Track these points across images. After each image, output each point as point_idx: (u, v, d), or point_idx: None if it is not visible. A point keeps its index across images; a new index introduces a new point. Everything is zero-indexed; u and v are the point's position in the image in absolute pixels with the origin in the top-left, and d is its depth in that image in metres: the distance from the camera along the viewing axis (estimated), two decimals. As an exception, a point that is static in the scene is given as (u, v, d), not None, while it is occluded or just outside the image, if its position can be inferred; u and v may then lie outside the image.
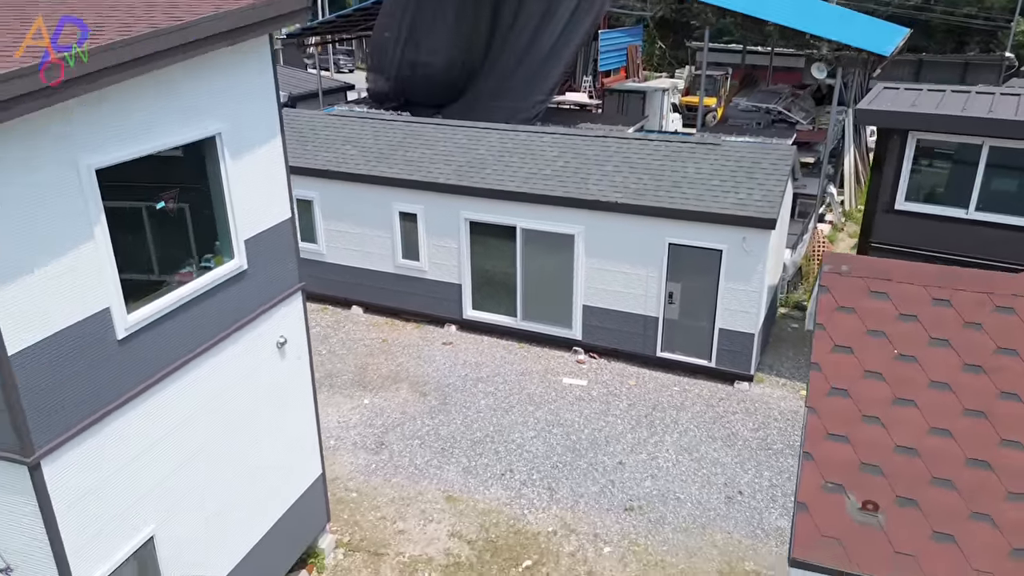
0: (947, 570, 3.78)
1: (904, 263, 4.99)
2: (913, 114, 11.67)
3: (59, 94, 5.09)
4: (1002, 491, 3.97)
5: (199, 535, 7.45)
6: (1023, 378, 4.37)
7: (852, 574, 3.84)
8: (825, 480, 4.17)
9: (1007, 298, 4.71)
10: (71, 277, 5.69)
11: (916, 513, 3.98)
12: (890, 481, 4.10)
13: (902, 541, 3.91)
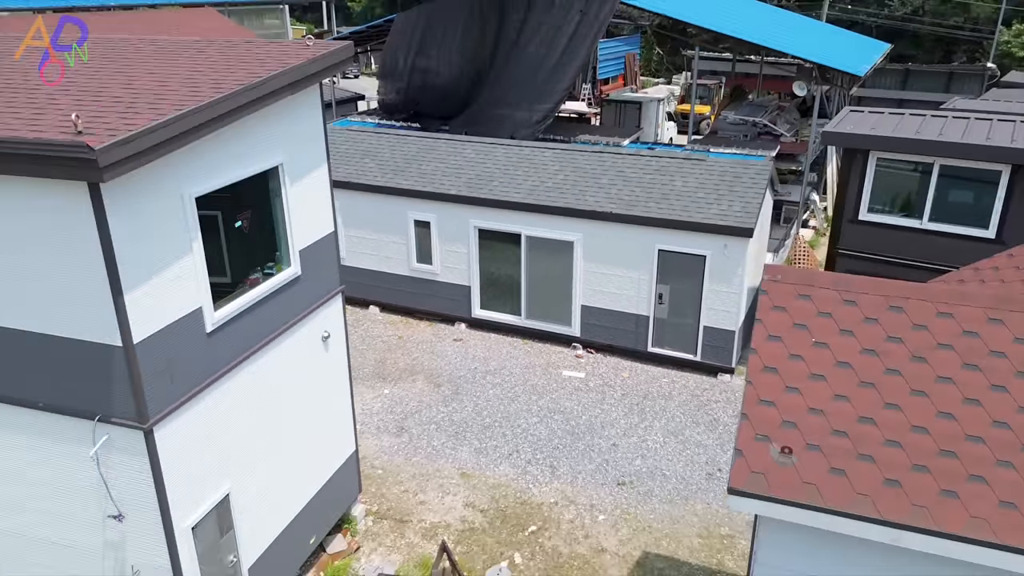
0: (838, 495, 5.29)
1: (823, 273, 6.52)
2: (872, 136, 13.21)
3: (179, 142, 6.62)
4: (881, 438, 5.48)
5: (261, 497, 8.97)
6: (905, 359, 5.88)
7: (770, 497, 5.35)
8: (756, 433, 5.68)
9: (899, 300, 6.23)
10: (176, 282, 7.22)
11: (819, 455, 5.48)
12: (802, 433, 5.60)
13: (807, 475, 5.41)
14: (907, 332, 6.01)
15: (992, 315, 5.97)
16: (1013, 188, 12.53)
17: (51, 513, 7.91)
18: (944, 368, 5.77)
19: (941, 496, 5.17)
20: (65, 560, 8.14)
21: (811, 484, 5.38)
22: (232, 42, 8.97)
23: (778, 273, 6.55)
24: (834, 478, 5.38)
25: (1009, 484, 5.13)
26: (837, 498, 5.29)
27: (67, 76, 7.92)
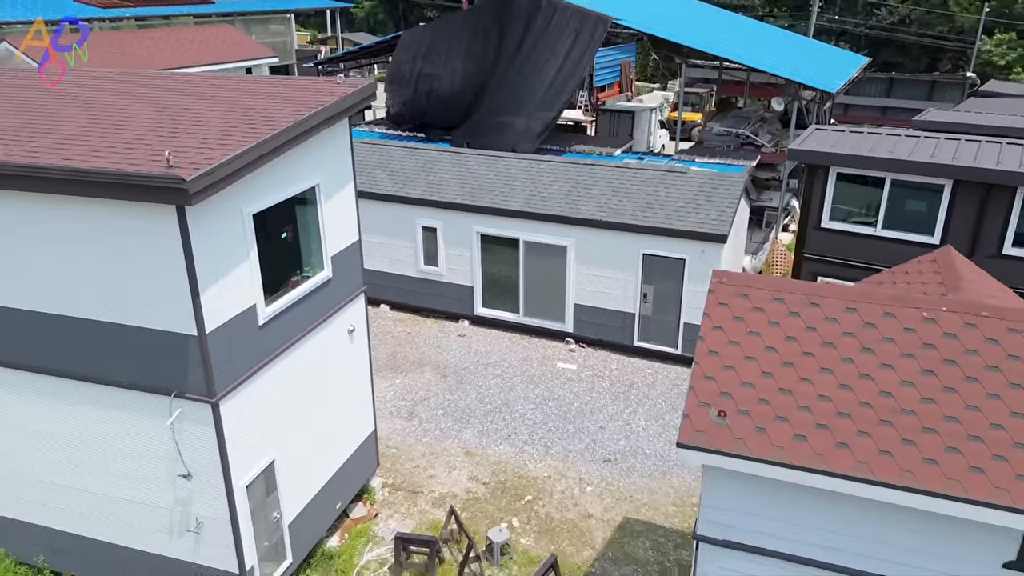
0: (760, 447, 6.90)
1: (759, 276, 8.16)
2: (832, 153, 14.84)
3: (244, 172, 8.26)
4: (795, 405, 7.11)
5: (298, 466, 10.61)
6: (817, 345, 7.51)
7: (709, 449, 6.98)
8: (699, 401, 7.30)
9: (816, 298, 7.86)
10: (237, 284, 8.85)
11: (747, 418, 7.10)
12: (735, 401, 7.23)
13: (737, 432, 7.04)
14: (821, 323, 7.66)
15: (887, 310, 7.62)
16: (955, 200, 14.16)
17: (131, 475, 9.55)
18: (847, 352, 7.41)
19: (837, 448, 6.82)
20: (141, 515, 9.78)
21: (739, 439, 7.03)
22: (274, 81, 10.63)
23: (723, 276, 8.19)
24: (758, 435, 7.03)
25: (886, 437, 6.78)
26: (759, 449, 6.94)
27: (144, 112, 9.55)
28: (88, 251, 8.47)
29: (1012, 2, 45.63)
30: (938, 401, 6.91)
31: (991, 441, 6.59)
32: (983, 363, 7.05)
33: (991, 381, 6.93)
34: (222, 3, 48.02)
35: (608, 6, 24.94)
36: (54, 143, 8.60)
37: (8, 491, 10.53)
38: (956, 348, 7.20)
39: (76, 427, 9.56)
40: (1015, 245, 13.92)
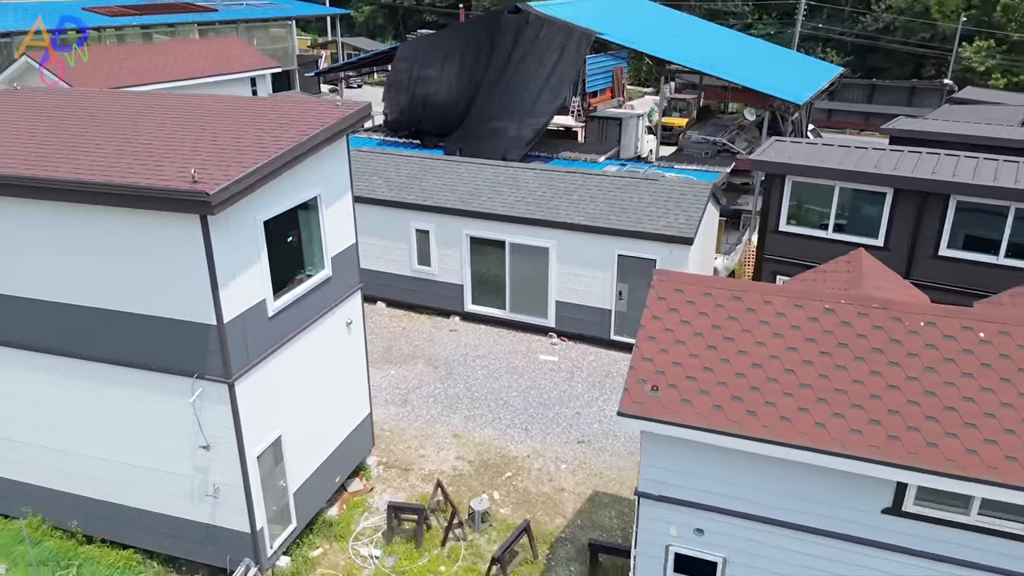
0: (685, 415, 8.35)
1: (693, 275, 9.63)
2: (787, 163, 16.30)
3: (257, 185, 9.71)
4: (715, 380, 8.57)
5: (302, 441, 12.06)
6: (739, 332, 8.96)
7: (643, 416, 8.44)
8: (638, 378, 8.76)
9: (739, 292, 9.32)
10: (250, 281, 10.31)
11: (675, 391, 8.55)
12: (666, 378, 8.68)
13: (666, 404, 8.49)
14: (742, 314, 9.12)
15: (796, 302, 9.07)
16: (896, 206, 15.62)
17: (157, 447, 11.02)
18: (761, 337, 8.87)
19: (747, 415, 8.27)
20: (164, 482, 11.24)
21: (669, 409, 8.49)
22: (283, 103, 12.10)
23: (662, 275, 9.66)
24: (684, 405, 8.49)
25: (788, 407, 8.23)
26: (685, 417, 8.40)
27: (169, 131, 11.02)
28: (124, 253, 9.94)
29: (991, 10, 47.03)
30: (831, 378, 8.37)
31: (870, 409, 8.05)
32: (869, 346, 8.52)
33: (875, 360, 8.39)
34: (225, 11, 49.53)
35: (593, 21, 26.43)
36: (92, 161, 10.06)
37: (45, 463, 11.99)
38: (849, 334, 8.66)
39: (108, 405, 11.02)
40: (950, 247, 15.38)
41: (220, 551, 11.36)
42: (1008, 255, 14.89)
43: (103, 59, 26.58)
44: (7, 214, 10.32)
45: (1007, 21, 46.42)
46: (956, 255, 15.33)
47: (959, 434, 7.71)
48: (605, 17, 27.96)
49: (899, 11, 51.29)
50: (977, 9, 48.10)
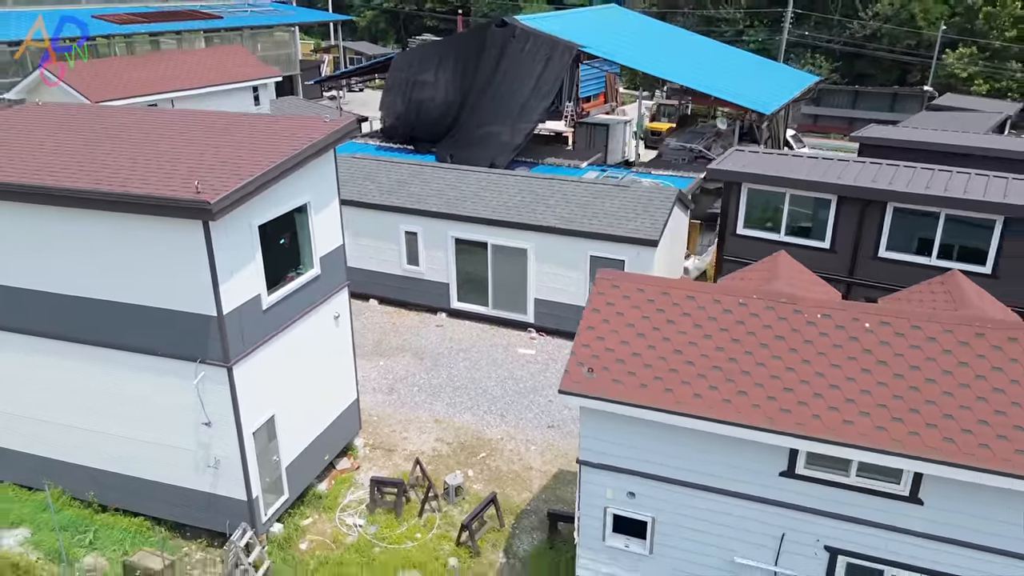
0: (616, 393, 9.80)
1: (632, 275, 11.08)
2: (742, 172, 17.72)
3: (253, 194, 11.19)
4: (642, 364, 10.01)
5: (293, 421, 13.53)
6: (664, 323, 10.40)
7: (580, 394, 9.89)
8: (578, 362, 10.21)
9: (667, 289, 10.76)
10: (247, 279, 11.79)
11: (608, 373, 9.99)
12: (601, 362, 10.13)
13: (600, 384, 9.94)
14: (668, 307, 10.56)
15: (715, 297, 10.52)
16: (840, 212, 17.02)
17: (165, 423, 12.51)
18: (683, 327, 10.31)
19: (665, 393, 9.72)
20: (171, 455, 12.72)
21: (602, 388, 9.94)
22: (277, 120, 13.58)
23: (605, 274, 11.12)
24: (614, 384, 9.94)
25: (701, 386, 9.68)
26: (614, 394, 9.84)
27: (176, 146, 12.51)
28: (137, 253, 11.43)
29: (974, 18, 48.29)
30: (738, 361, 9.82)
31: (769, 387, 9.49)
32: (773, 334, 9.96)
33: (777, 346, 9.84)
34: (230, 18, 51.11)
35: (578, 33, 27.88)
36: (111, 173, 11.56)
37: (66, 440, 13.49)
38: (757, 324, 10.10)
39: (123, 387, 12.51)
40: (888, 249, 16.78)
41: (220, 517, 12.84)
42: (940, 256, 16.29)
43: (114, 69, 28.10)
44: (38, 221, 11.82)
45: (989, 29, 47.68)
46: (894, 256, 16.72)
47: (839, 408, 9.15)
48: (590, 29, 29.39)
49: (885, 18, 52.56)
50: (960, 17, 49.36)
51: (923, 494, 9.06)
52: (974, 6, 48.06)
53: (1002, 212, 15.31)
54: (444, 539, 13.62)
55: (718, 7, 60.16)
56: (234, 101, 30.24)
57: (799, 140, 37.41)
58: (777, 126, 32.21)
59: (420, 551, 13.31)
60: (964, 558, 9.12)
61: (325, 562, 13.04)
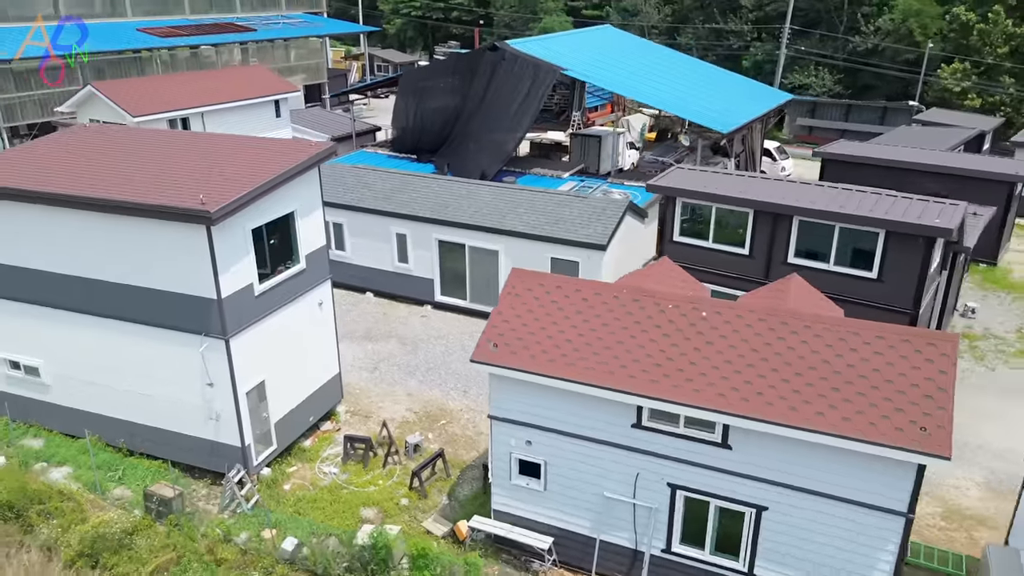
0: (514, 361, 12.81)
1: (536, 272, 14.12)
2: (676, 188, 20.57)
3: (247, 204, 14.45)
4: (539, 340, 13.00)
5: (280, 386, 16.78)
6: (556, 309, 13.37)
7: (487, 362, 12.92)
8: (487, 340, 13.25)
9: (561, 283, 13.74)
10: (242, 270, 15.06)
11: (510, 347, 13.01)
12: (505, 339, 13.13)
13: (503, 355, 12.97)
14: (561, 298, 13.57)
15: (596, 291, 13.49)
16: (756, 223, 19.77)
17: (178, 383, 15.85)
18: (569, 312, 13.30)
19: (549, 362, 12.72)
20: (176, 408, 16.05)
21: (504, 359, 12.99)
22: (271, 143, 16.86)
23: (517, 272, 14.16)
24: (513, 355, 12.99)
25: (580, 356, 12.66)
26: (513, 363, 12.89)
27: (189, 164, 15.83)
28: (156, 250, 14.76)
29: (968, 34, 49.99)
30: (604, 340, 12.79)
31: (622, 359, 12.45)
32: (635, 319, 12.91)
33: (635, 328, 12.78)
34: (263, 30, 54.93)
35: (564, 55, 30.84)
36: (136, 185, 14.91)
37: (101, 396, 16.91)
38: (623, 311, 13.06)
39: (144, 354, 15.86)
40: (795, 256, 19.50)
41: (221, 460, 16.14)
42: (836, 263, 18.98)
43: (152, 86, 31.84)
44: (81, 223, 15.22)
45: (982, 45, 49.36)
46: (800, 262, 19.44)
47: (671, 375, 12.09)
48: (580, 51, 32.31)
49: (886, 33, 54.46)
50: (956, 33, 51.06)
51: (731, 441, 11.96)
52: (968, 23, 49.79)
53: (883, 226, 17.97)
54: (400, 486, 16.77)
55: (726, 20, 62.43)
56: (257, 114, 33.78)
57: (783, 152, 39.85)
58: (752, 140, 34.79)
59: (380, 493, 16.49)
60: (763, 491, 11.98)
61: (302, 499, 16.27)
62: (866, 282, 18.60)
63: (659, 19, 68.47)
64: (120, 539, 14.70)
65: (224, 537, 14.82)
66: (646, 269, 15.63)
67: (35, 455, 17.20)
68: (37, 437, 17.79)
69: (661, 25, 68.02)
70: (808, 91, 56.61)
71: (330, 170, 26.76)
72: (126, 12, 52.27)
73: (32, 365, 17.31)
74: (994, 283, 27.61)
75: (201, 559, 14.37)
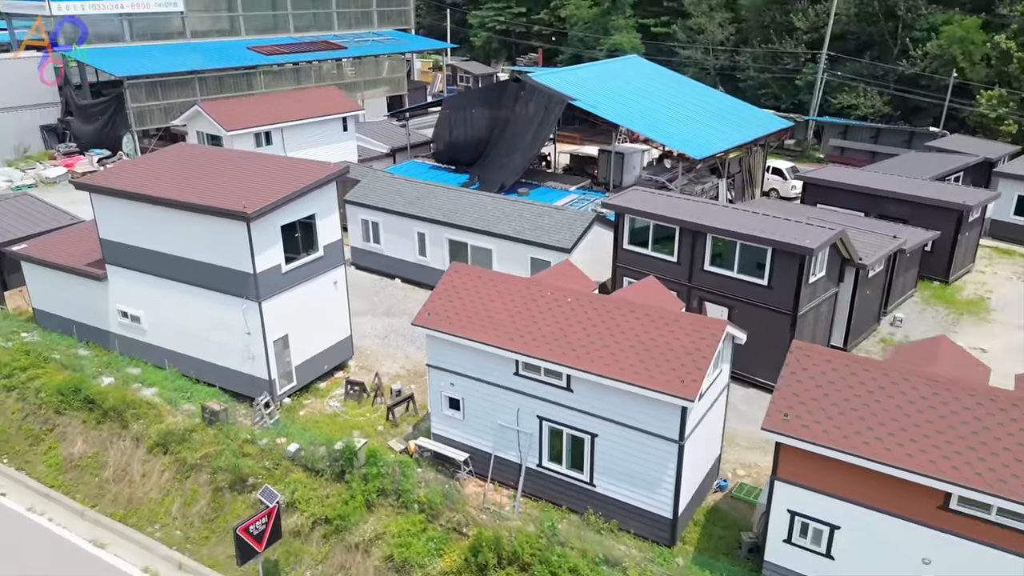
0: (447, 327, 18.48)
1: (469, 266, 19.80)
2: (623, 206, 25.71)
3: (278, 207, 20.84)
4: (467, 313, 18.62)
5: (301, 339, 23.17)
6: (486, 293, 18.97)
7: (423, 326, 18.67)
8: (425, 311, 19.01)
9: (494, 276, 19.33)
10: (272, 254, 21.49)
11: (442, 316, 18.70)
12: (437, 310, 18.84)
13: (433, 320, 18.67)
14: (489, 287, 19.21)
15: (528, 286, 19.07)
16: (682, 237, 24.67)
17: (228, 331, 22.50)
18: (492, 297, 18.93)
19: (469, 327, 18.43)
20: (226, 350, 22.68)
21: (434, 323, 18.81)
22: (300, 163, 23.28)
23: (454, 265, 19.92)
24: (446, 322, 18.78)
25: (498, 326, 18.33)
26: (445, 328, 18.69)
27: (241, 176, 22.40)
28: (214, 237, 21.35)
29: (1008, 62, 51.64)
30: (513, 316, 18.36)
31: (521, 328, 18.00)
32: (537, 307, 18.42)
33: (538, 311, 18.30)
34: (353, 48, 62.52)
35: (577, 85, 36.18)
36: (204, 192, 21.54)
37: (178, 338, 23.75)
38: (528, 297, 18.59)
39: (208, 310, 22.55)
40: (710, 264, 24.30)
41: (254, 389, 22.64)
42: (739, 272, 23.66)
43: (243, 106, 39.29)
44: (167, 215, 21.98)
45: (1021, 72, 50.93)
46: (713, 270, 24.23)
47: (536, 339, 17.55)
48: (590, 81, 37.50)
49: (932, 58, 56.51)
50: (997, 60, 52.69)
51: (572, 386, 17.31)
52: (1008, 51, 51.44)
53: (769, 244, 22.59)
54: (381, 419, 22.83)
55: (782, 41, 65.50)
56: (327, 129, 40.65)
57: (795, 171, 43.54)
58: (752, 162, 39.00)
59: (365, 422, 22.61)
60: (594, 423, 17.28)
61: (309, 421, 22.59)
62: (760, 288, 23.25)
63: (723, 37, 71.96)
64: (183, 435, 21.41)
65: (251, 440, 21.27)
66: (553, 269, 20.98)
67: (133, 379, 24.24)
68: (136, 367, 24.87)
69: (724, 48, 71.43)
70: (856, 111, 59.21)
71: (372, 178, 33.25)
72: (240, 31, 61.02)
73: (136, 315, 24.39)
74: (939, 299, 31.10)
75: (233, 452, 20.84)
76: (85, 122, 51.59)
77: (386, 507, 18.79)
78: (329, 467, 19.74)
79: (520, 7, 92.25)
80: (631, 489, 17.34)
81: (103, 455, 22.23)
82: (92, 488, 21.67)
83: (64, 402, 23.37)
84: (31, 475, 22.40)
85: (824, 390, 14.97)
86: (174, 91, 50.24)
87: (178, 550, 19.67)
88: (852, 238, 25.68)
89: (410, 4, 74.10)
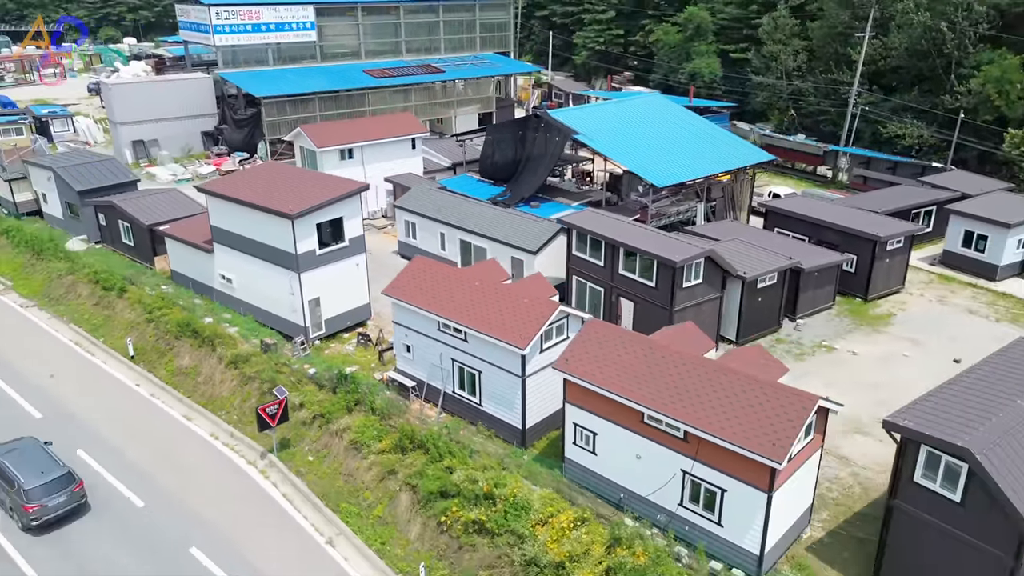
0: (404, 296, 28.25)
1: (424, 258, 29.58)
2: (571, 223, 34.50)
3: (314, 210, 31.55)
4: (418, 288, 28.33)
5: (329, 301, 33.82)
6: (432, 280, 28.58)
7: (388, 295, 28.56)
8: (383, 292, 28.87)
9: (438, 267, 28.96)
10: (309, 242, 32.22)
11: (400, 289, 28.51)
12: (400, 286, 28.63)
13: (396, 293, 28.49)
14: (438, 275, 28.94)
15: (449, 274, 28.68)
16: (604, 247, 33.15)
17: (281, 290, 33.49)
18: (433, 280, 28.63)
19: (420, 298, 28.25)
20: (279, 304, 33.70)
21: (396, 295, 28.77)
22: (336, 180, 33.92)
23: (417, 258, 29.77)
24: (407, 294, 28.70)
25: (443, 299, 28.07)
26: (402, 297, 28.63)
27: (291, 186, 33.29)
28: (273, 228, 32.30)
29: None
30: (447, 289, 28.04)
31: (440, 299, 27.67)
32: (456, 287, 28.00)
33: (450, 288, 27.90)
34: (450, 71, 73.41)
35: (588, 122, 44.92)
36: (269, 197, 32.53)
37: (254, 295, 35.01)
38: (451, 279, 28.18)
39: (269, 276, 33.60)
40: (622, 270, 32.70)
41: (294, 331, 33.49)
42: (639, 276, 31.93)
43: (332, 127, 50.81)
44: (246, 211, 33.15)
45: (1050, 111, 54.00)
46: (624, 274, 32.60)
47: (455, 307, 27.06)
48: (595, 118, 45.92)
49: (975, 95, 59.99)
50: (1028, 100, 55.82)
51: (467, 339, 26.70)
52: (1038, 92, 54.60)
53: (653, 256, 30.79)
54: (375, 359, 33.07)
55: (841, 72, 70.15)
56: (399, 147, 51.25)
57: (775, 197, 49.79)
58: (737, 189, 46.06)
59: (366, 360, 32.94)
60: (480, 363, 26.57)
61: (329, 357, 33.18)
62: (651, 288, 31.50)
63: (793, 66, 76.99)
64: (247, 357, 32.57)
65: (286, 364, 32.07)
66: (476, 265, 30.27)
67: (225, 320, 35.76)
68: (228, 313, 36.42)
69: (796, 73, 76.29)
70: (902, 142, 63.39)
71: (416, 188, 43.69)
72: (361, 55, 73.37)
73: (229, 277, 35.95)
74: (852, 313, 37.47)
75: (273, 369, 31.69)
76: (235, 130, 65.56)
77: (357, 411, 28.96)
78: (328, 383, 30.17)
79: (618, 29, 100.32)
80: (499, 407, 26.53)
81: (199, 367, 33.81)
82: (189, 387, 33.27)
83: (180, 331, 35.22)
84: (156, 376, 34.37)
85: (600, 349, 23.56)
86: (299, 108, 62.98)
87: (234, 427, 30.77)
88: (754, 257, 33.35)
89: (510, 30, 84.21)
